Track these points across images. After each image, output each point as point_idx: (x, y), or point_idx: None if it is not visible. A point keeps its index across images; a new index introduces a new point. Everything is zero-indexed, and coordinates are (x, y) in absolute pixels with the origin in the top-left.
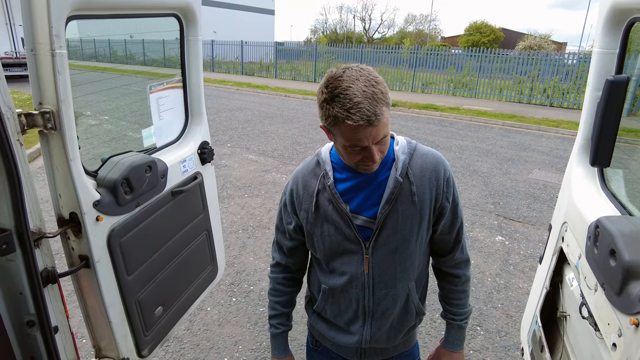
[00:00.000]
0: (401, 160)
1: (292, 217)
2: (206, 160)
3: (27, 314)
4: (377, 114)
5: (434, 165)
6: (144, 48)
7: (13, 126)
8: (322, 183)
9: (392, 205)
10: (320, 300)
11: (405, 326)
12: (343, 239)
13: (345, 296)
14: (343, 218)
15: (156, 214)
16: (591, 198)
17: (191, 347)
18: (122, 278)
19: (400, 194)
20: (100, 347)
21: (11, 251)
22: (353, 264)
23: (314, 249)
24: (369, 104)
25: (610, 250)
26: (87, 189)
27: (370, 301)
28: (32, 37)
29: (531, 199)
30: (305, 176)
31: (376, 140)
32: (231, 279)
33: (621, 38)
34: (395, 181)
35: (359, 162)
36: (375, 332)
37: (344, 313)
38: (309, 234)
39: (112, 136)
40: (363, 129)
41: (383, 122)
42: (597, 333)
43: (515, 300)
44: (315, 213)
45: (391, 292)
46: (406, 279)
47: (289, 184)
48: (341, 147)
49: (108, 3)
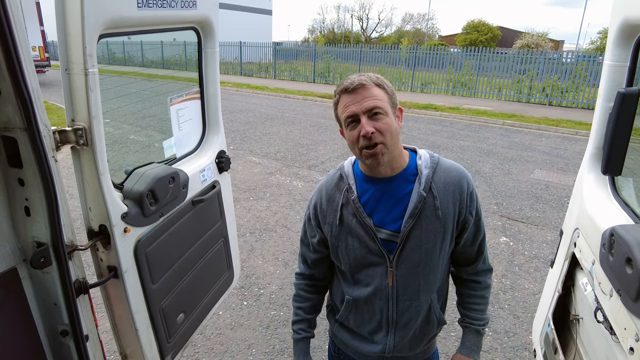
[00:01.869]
0: (424, 174)
1: (317, 230)
2: (223, 169)
3: (61, 323)
4: (363, 82)
5: (457, 179)
6: (162, 52)
7: (49, 143)
8: (346, 197)
9: (415, 219)
10: (343, 310)
11: (427, 335)
12: (367, 252)
13: (369, 307)
14: (367, 232)
15: (178, 223)
16: (603, 205)
17: (205, 351)
18: (148, 287)
19: (424, 208)
20: (127, 354)
21: (48, 264)
22: (377, 276)
23: (338, 262)
24: (358, 76)
25: (627, 258)
26: (115, 202)
27: (394, 312)
28: (66, 57)
29: (534, 199)
30: (330, 190)
31: (365, 108)
32: (241, 282)
33: (632, 52)
34: (419, 195)
35: (363, 148)
36: (399, 341)
37: (367, 323)
38: (334, 247)
39: (124, 140)
40: (350, 94)
41: (372, 93)
42: (613, 337)
43: (521, 300)
44: (340, 226)
45: (414, 303)
46: (429, 290)
47: (312, 197)
48: (345, 130)
49: (135, 21)
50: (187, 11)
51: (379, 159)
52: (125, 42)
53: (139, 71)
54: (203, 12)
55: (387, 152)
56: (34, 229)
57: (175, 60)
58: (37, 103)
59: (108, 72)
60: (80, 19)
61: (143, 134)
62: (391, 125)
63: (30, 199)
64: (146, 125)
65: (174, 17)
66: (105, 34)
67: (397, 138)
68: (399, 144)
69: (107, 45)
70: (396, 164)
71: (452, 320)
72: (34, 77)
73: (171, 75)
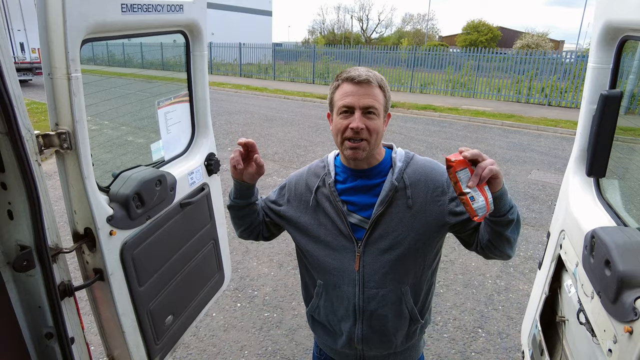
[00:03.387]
0: (398, 166)
1: (280, 200)
2: (212, 172)
3: (46, 326)
4: (369, 79)
5: (430, 170)
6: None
7: (32, 147)
8: (323, 180)
9: (385, 206)
10: (314, 297)
11: (399, 330)
12: (338, 235)
13: (337, 292)
14: (339, 215)
15: (166, 225)
16: (587, 207)
17: (198, 352)
18: (135, 289)
19: (395, 197)
20: (114, 357)
21: (31, 267)
22: (345, 260)
23: (308, 244)
24: (366, 71)
25: (606, 260)
26: (100, 205)
27: (360, 300)
28: (49, 61)
29: (530, 200)
30: (310, 175)
31: (362, 104)
32: (235, 284)
33: (614, 54)
34: (390, 184)
35: (347, 139)
36: (367, 332)
37: (336, 310)
38: (305, 228)
39: (114, 142)
40: (353, 85)
41: (373, 92)
42: (594, 338)
43: (515, 302)
44: (314, 208)
45: (381, 292)
46: (397, 280)
47: (294, 175)
48: (335, 118)
49: (120, 25)
50: (173, 15)
51: (358, 153)
52: (126, 43)
53: (137, 72)
54: (190, 15)
55: (368, 150)
56: (17, 232)
57: (174, 62)
58: (19, 107)
59: (102, 74)
60: (62, 24)
61: (137, 135)
62: (379, 127)
63: (13, 203)
64: (142, 126)
65: (161, 21)
66: (88, 39)
67: (380, 140)
68: (380, 145)
69: (106, 46)
70: (372, 159)
71: (445, 321)
72: (15, 81)
73: (167, 77)
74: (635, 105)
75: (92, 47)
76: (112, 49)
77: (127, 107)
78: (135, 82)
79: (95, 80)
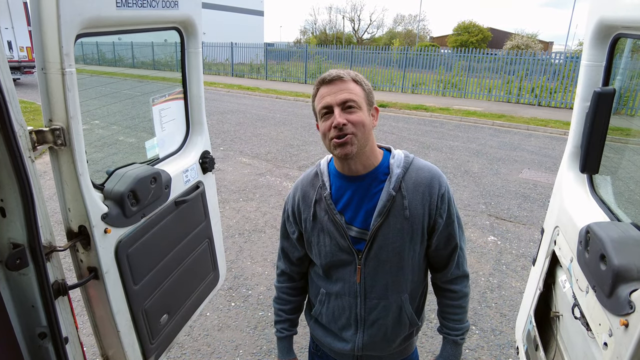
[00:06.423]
0: (395, 174)
1: (295, 226)
2: (207, 170)
3: (39, 326)
4: (340, 75)
5: (429, 180)
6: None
7: (25, 143)
8: (319, 194)
9: (384, 218)
10: (317, 305)
11: (399, 336)
12: (338, 250)
13: (340, 302)
14: (338, 229)
15: (160, 223)
16: (581, 203)
17: (192, 352)
18: (129, 288)
19: (392, 207)
20: (109, 356)
21: (24, 266)
22: (347, 273)
23: (312, 256)
24: (337, 70)
25: (601, 255)
26: (95, 202)
27: (362, 310)
28: (42, 56)
29: (522, 199)
30: (305, 187)
31: (339, 100)
32: (229, 283)
33: (607, 52)
34: (387, 195)
35: (333, 138)
36: (368, 340)
37: (337, 319)
38: (308, 242)
39: (104, 141)
40: (327, 85)
41: (348, 87)
42: (589, 333)
43: (508, 299)
44: (313, 222)
45: (382, 302)
46: (398, 290)
47: (290, 194)
48: (319, 120)
49: (114, 20)
50: (168, 11)
51: (347, 149)
52: (115, 42)
53: (131, 72)
54: (185, 12)
55: (357, 143)
56: (9, 230)
57: (165, 60)
58: (12, 103)
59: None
60: (56, 18)
61: (130, 134)
62: (364, 119)
63: (5, 200)
64: (134, 125)
65: (155, 17)
66: (83, 34)
67: (369, 133)
68: (371, 141)
69: (97, 45)
70: (368, 162)
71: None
72: (8, 77)
73: (161, 76)
74: (629, 105)
75: (82, 46)
76: (102, 48)
77: (117, 105)
78: (126, 81)
79: (85, 77)
